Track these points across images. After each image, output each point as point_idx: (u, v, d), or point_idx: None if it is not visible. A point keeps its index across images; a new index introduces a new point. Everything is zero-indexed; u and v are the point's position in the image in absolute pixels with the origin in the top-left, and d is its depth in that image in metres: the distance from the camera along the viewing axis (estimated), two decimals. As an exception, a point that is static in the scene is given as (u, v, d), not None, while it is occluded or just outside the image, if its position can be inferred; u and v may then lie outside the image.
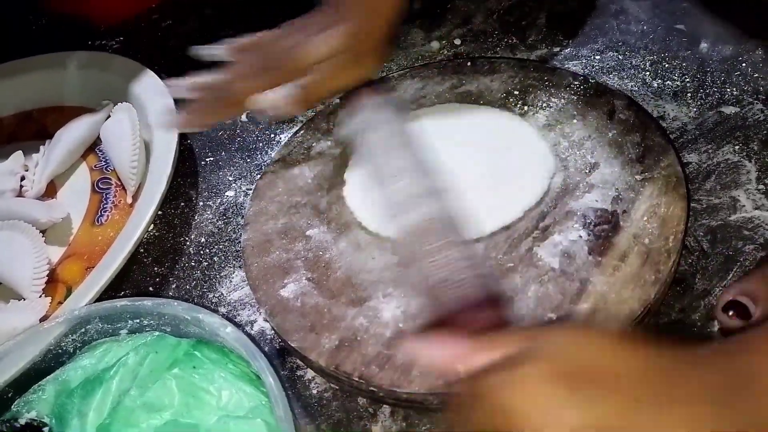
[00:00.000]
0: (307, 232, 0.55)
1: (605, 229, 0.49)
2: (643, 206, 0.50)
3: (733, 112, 0.60)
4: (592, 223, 0.50)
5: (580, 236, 0.49)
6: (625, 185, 0.52)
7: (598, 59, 0.66)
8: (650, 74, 0.64)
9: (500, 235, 0.51)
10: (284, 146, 0.63)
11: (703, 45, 0.66)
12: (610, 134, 0.56)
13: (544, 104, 0.59)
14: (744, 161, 0.56)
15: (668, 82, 0.63)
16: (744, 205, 0.53)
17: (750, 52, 0.64)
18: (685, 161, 0.56)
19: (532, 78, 0.62)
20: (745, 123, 0.59)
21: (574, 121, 0.57)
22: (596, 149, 0.55)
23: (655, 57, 0.66)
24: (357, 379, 0.45)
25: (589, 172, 0.53)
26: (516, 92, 0.61)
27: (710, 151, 0.57)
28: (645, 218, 0.49)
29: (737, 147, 0.57)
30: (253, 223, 0.57)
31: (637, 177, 0.52)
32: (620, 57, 0.67)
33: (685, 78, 0.63)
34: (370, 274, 0.50)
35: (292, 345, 0.48)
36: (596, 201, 0.51)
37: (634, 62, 0.66)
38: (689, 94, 0.62)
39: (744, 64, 0.63)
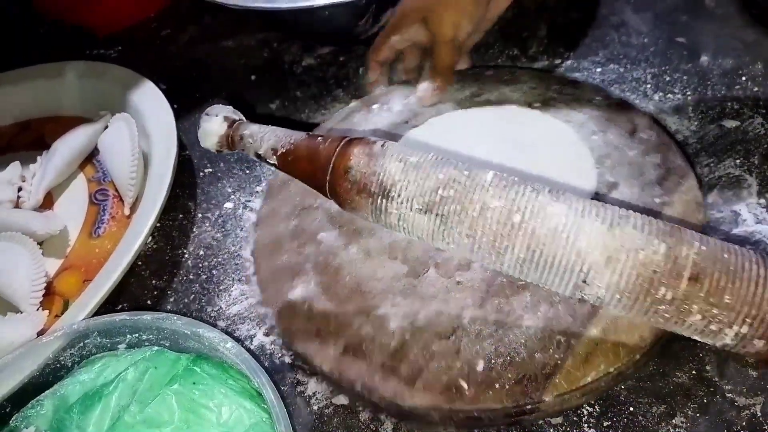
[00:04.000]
0: (318, 236, 0.54)
1: None
2: None
3: (733, 125, 0.60)
4: None
5: None
6: (643, 207, 0.51)
7: (599, 71, 0.66)
8: (651, 87, 0.64)
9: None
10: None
11: (704, 58, 0.66)
12: (631, 153, 0.55)
13: (565, 118, 0.58)
14: (745, 175, 0.56)
15: (669, 95, 0.63)
16: (745, 219, 0.53)
17: (750, 65, 0.64)
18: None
19: (554, 90, 0.61)
20: (745, 137, 0.58)
21: (594, 137, 0.56)
22: (616, 168, 0.54)
23: (656, 70, 0.66)
24: (359, 388, 0.45)
25: (608, 191, 0.52)
26: (537, 104, 0.60)
27: (711, 165, 0.57)
28: None
29: (738, 161, 0.57)
30: (265, 223, 0.57)
31: (656, 200, 0.51)
32: (621, 69, 0.67)
33: (686, 91, 0.63)
34: (380, 282, 0.50)
35: (297, 350, 0.48)
36: None
37: (635, 75, 0.66)
38: (690, 108, 0.62)
39: (744, 78, 0.63)
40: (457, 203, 0.41)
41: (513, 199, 0.40)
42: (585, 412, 0.45)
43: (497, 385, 0.43)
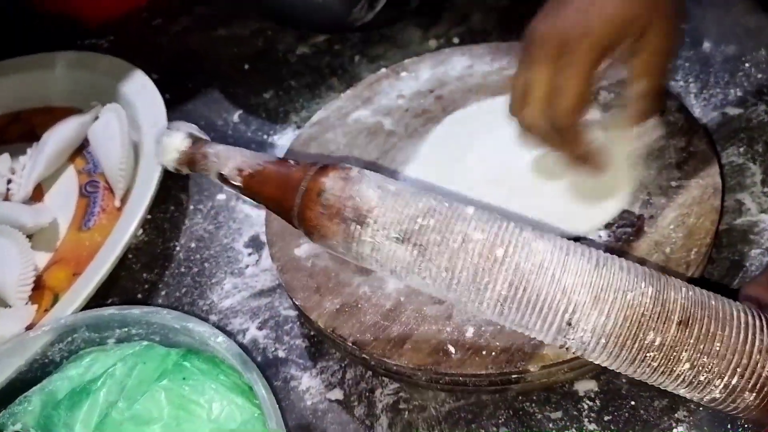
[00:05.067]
0: None
1: (627, 232, 0.48)
2: (672, 214, 0.48)
3: (736, 113, 0.58)
4: (615, 224, 0.48)
5: (600, 236, 0.48)
6: (658, 190, 0.50)
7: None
8: (652, 74, 0.63)
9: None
10: (323, 109, 0.63)
11: (706, 45, 0.65)
12: (655, 135, 0.54)
13: (593, 95, 0.56)
14: (749, 163, 0.55)
15: (672, 82, 0.62)
16: (749, 209, 0.52)
17: (753, 51, 0.63)
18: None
19: None
20: (749, 124, 0.57)
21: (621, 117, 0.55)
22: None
23: (656, 57, 0.65)
24: (351, 344, 0.45)
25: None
26: None
27: (714, 153, 0.56)
28: (672, 226, 0.47)
29: (741, 149, 0.56)
30: None
31: (673, 183, 0.50)
32: (621, 57, 0.65)
33: (689, 78, 0.62)
34: None
35: (296, 303, 0.48)
36: (626, 202, 0.50)
37: (635, 62, 0.64)
38: (692, 95, 0.61)
39: (747, 65, 0.62)
40: (437, 233, 0.38)
41: (496, 232, 0.38)
42: (585, 407, 0.44)
43: (484, 352, 0.43)
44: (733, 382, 0.35)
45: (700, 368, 0.35)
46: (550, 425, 0.43)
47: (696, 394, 0.37)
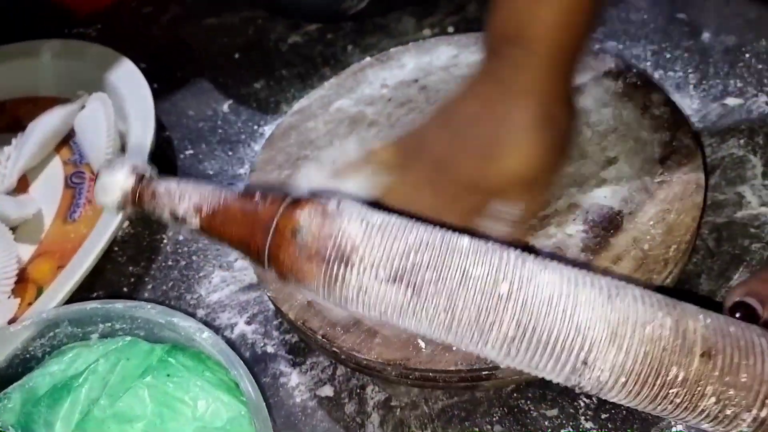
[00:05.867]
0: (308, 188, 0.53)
1: (606, 227, 0.47)
2: (652, 210, 0.47)
3: (737, 104, 0.57)
4: (594, 220, 0.47)
5: (578, 231, 0.47)
6: (639, 185, 0.48)
7: (598, 49, 0.64)
8: (651, 65, 0.62)
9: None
10: (306, 98, 0.62)
11: (705, 35, 0.64)
12: (639, 129, 0.52)
13: (578, 88, 0.55)
14: (749, 155, 0.54)
15: (670, 72, 0.61)
16: (750, 202, 0.51)
17: (753, 42, 0.62)
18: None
19: None
20: (749, 116, 0.56)
21: (604, 110, 0.54)
22: (619, 143, 0.51)
23: (656, 47, 0.63)
24: (320, 337, 0.43)
25: (605, 166, 0.50)
26: None
27: (714, 145, 0.55)
28: (651, 222, 0.46)
29: (742, 141, 0.55)
30: (259, 171, 0.56)
31: (655, 179, 0.49)
32: (620, 47, 0.64)
33: (688, 69, 0.61)
34: None
35: (268, 294, 0.47)
36: (604, 197, 0.48)
37: (634, 52, 0.63)
38: (691, 86, 0.59)
39: (747, 55, 0.61)
40: (433, 270, 0.35)
41: (497, 266, 0.35)
42: (582, 404, 0.43)
43: (454, 348, 0.41)
44: (762, 414, 0.33)
45: (727, 402, 0.33)
46: (546, 423, 0.42)
47: (721, 428, 0.34)
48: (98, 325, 0.46)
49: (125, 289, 0.54)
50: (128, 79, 0.66)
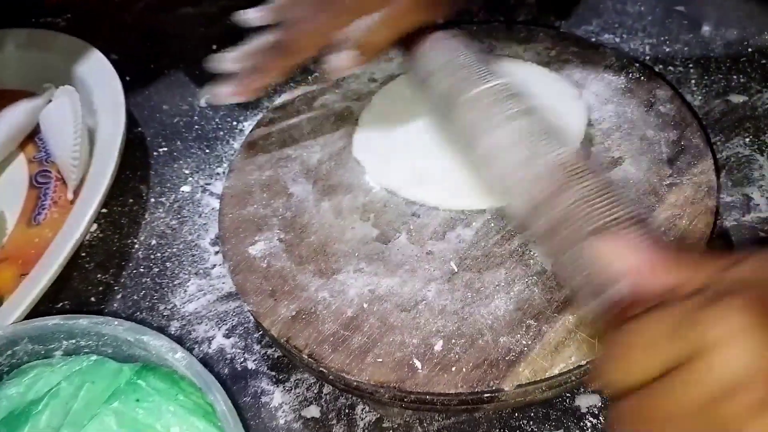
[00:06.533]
0: (291, 189, 0.50)
1: None
2: (663, 215, 0.44)
3: (741, 100, 0.55)
4: None
5: None
6: (648, 188, 0.46)
7: (593, 42, 0.61)
8: (650, 59, 0.59)
9: (494, 224, 0.46)
10: (288, 92, 0.59)
11: (706, 28, 0.61)
12: (645, 127, 0.50)
13: (578, 83, 0.53)
14: (756, 155, 0.51)
15: (669, 67, 0.58)
16: (758, 204, 0.48)
17: (756, 35, 0.59)
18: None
19: (570, 53, 0.56)
20: (754, 113, 0.54)
21: (607, 106, 0.51)
22: (624, 142, 0.49)
23: (654, 40, 0.61)
24: (306, 356, 0.40)
25: (611, 167, 0.47)
26: (549, 66, 0.55)
27: (718, 143, 0.52)
28: (662, 229, 0.43)
29: (747, 139, 0.52)
30: (238, 171, 0.53)
31: (664, 181, 0.46)
32: (617, 40, 0.61)
33: (688, 63, 0.58)
34: (346, 245, 0.46)
35: (248, 308, 0.44)
36: None
37: (632, 45, 0.61)
38: (693, 81, 0.57)
39: (751, 49, 0.59)
40: None
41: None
42: (588, 424, 0.40)
43: (454, 368, 0.39)
44: None
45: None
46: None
47: None
48: (62, 342, 0.42)
49: (93, 299, 0.50)
50: (97, 71, 0.62)
